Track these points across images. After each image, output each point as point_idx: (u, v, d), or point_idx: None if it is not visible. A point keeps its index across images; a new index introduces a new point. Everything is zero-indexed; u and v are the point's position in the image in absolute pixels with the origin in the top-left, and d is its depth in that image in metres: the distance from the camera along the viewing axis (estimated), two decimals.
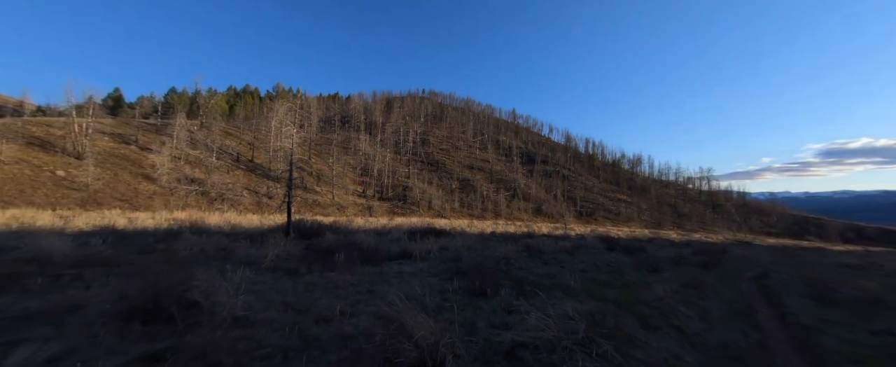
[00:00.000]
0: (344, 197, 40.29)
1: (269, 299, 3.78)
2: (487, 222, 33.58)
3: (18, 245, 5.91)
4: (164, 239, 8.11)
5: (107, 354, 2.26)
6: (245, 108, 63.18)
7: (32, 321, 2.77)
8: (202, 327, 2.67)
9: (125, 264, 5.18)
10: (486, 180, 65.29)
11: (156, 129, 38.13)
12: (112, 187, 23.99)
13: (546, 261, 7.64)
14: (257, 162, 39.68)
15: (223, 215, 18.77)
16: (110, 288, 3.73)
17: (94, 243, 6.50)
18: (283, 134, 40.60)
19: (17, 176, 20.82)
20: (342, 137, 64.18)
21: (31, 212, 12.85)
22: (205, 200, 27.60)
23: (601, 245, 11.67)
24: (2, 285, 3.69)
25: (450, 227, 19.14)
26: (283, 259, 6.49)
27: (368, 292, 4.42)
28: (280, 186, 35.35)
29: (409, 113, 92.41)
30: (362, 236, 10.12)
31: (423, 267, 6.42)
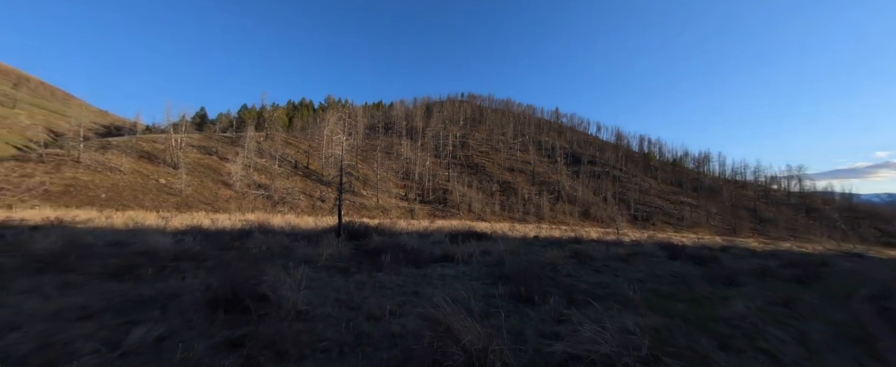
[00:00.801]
0: (387, 200, 42.10)
1: (324, 296, 4.07)
2: (530, 225, 32.44)
3: (134, 241, 7.20)
4: (238, 238, 9.24)
5: (199, 337, 2.63)
6: (302, 119, 69.67)
7: (145, 305, 3.34)
8: (271, 318, 2.98)
9: (210, 259, 6.01)
10: (527, 183, 63.26)
11: (231, 141, 43.86)
12: (199, 192, 28.09)
13: (597, 269, 7.11)
14: (312, 168, 43.39)
15: (284, 217, 20.86)
16: (199, 280, 4.35)
17: (187, 241, 7.64)
18: (334, 142, 43.78)
19: (131, 183, 25.47)
20: (385, 142, 67.29)
21: (142, 213, 15.61)
22: (269, 203, 30.93)
23: (662, 253, 10.52)
24: (123, 274, 4.52)
25: (491, 230, 18.87)
26: (335, 259, 6.97)
27: (413, 293, 4.53)
28: (331, 190, 38.21)
29: (448, 117, 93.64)
30: (406, 239, 10.44)
31: (466, 270, 6.40)
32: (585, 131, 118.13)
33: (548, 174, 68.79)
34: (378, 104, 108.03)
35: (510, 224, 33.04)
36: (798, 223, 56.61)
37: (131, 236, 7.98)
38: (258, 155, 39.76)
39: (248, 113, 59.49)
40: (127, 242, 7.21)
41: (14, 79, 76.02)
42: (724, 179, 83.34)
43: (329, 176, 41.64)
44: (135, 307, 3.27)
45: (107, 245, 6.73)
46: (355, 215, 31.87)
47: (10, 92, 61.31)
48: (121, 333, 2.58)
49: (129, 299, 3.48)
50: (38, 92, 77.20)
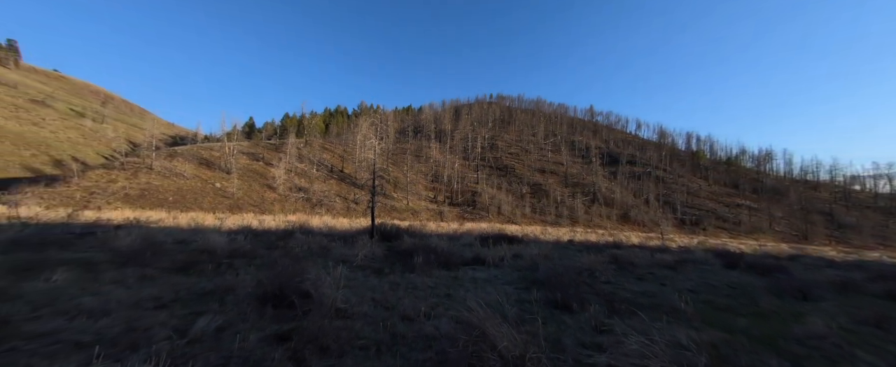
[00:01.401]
0: (417, 202, 42.81)
1: (361, 295, 4.23)
2: (563, 229, 31.13)
3: (196, 239, 8.03)
4: (282, 237, 9.93)
5: (252, 328, 2.86)
6: (337, 125, 73.44)
7: (207, 298, 3.70)
8: (314, 314, 3.15)
9: (259, 257, 6.52)
10: (559, 184, 60.95)
11: (275, 147, 47.43)
12: (248, 195, 30.67)
13: (640, 276, 6.62)
14: (346, 172, 45.48)
15: (321, 218, 22.08)
16: (250, 276, 4.73)
17: (239, 240, 8.36)
18: (366, 146, 45.56)
19: (193, 187, 28.46)
20: (415, 146, 68.65)
21: (201, 214, 17.37)
22: (308, 204, 32.90)
23: (716, 261, 9.55)
24: (188, 269, 5.05)
25: (522, 233, 18.42)
26: (369, 259, 7.21)
27: (446, 295, 4.55)
28: (364, 192, 39.72)
29: (476, 119, 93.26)
30: (436, 241, 10.52)
31: (498, 274, 6.30)
32: (623, 130, 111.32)
33: (582, 175, 65.74)
34: (408, 108, 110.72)
35: (542, 227, 32.00)
36: (889, 230, 48.45)
37: (193, 235, 8.91)
38: (298, 160, 42.54)
39: (290, 121, 64.04)
40: (190, 240, 8.06)
41: (102, 98, 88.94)
42: (791, 179, 73.88)
43: (362, 179, 43.37)
44: (198, 299, 3.64)
45: (174, 243, 7.58)
46: (386, 216, 32.81)
47: (99, 109, 71.83)
48: (188, 322, 2.88)
49: (194, 292, 3.88)
50: (120, 109, 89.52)
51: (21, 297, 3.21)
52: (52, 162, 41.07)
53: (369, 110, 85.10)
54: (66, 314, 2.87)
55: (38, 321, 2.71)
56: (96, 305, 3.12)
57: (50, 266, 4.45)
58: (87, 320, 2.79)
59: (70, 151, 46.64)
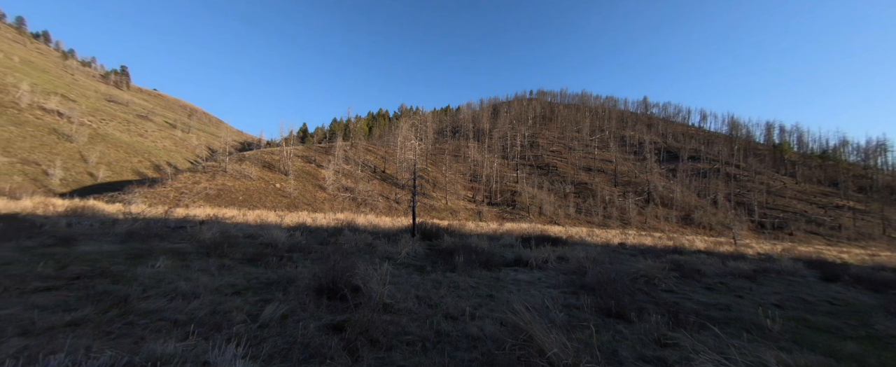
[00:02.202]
0: (456, 202, 43.06)
1: (406, 292, 4.37)
2: (612, 231, 28.90)
3: (261, 234, 9.00)
4: (332, 234, 10.69)
5: (310, 318, 3.12)
6: (379, 128, 77.00)
7: (272, 287, 4.13)
8: (364, 308, 3.33)
9: (313, 252, 7.09)
10: (607, 183, 56.79)
11: (325, 150, 51.25)
12: (302, 195, 33.57)
13: (710, 286, 5.88)
14: (388, 172, 47.44)
15: (366, 217, 23.33)
16: (307, 268, 5.17)
17: (296, 235, 9.19)
18: (407, 147, 46.94)
19: (258, 188, 31.96)
20: (453, 146, 69.14)
21: (265, 212, 19.42)
22: (354, 204, 34.99)
23: (809, 272, 8.10)
24: (257, 260, 5.68)
25: (566, 235, 17.51)
26: (411, 257, 7.43)
27: (488, 296, 4.50)
28: (404, 192, 41.06)
29: (515, 117, 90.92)
30: (476, 241, 10.48)
31: (541, 277, 6.07)
32: (684, 122, 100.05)
33: (634, 173, 60.48)
34: (446, 109, 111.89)
35: (588, 229, 30.09)
36: None
37: (259, 230, 10.00)
38: (345, 162, 45.45)
39: (337, 125, 68.78)
40: (257, 235, 9.06)
41: (188, 111, 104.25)
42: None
43: (403, 179, 44.87)
44: (266, 288, 4.07)
45: (245, 237, 8.58)
46: (426, 215, 33.53)
47: (186, 121, 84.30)
48: (258, 308, 3.24)
49: (262, 281, 4.36)
50: (201, 120, 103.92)
51: (135, 279, 3.89)
52: (152, 167, 49.23)
53: (409, 112, 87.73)
54: (166, 296, 3.41)
55: (147, 300, 3.26)
56: (188, 289, 3.66)
57: (154, 254, 5.32)
58: (182, 301, 3.28)
59: (165, 157, 55.44)
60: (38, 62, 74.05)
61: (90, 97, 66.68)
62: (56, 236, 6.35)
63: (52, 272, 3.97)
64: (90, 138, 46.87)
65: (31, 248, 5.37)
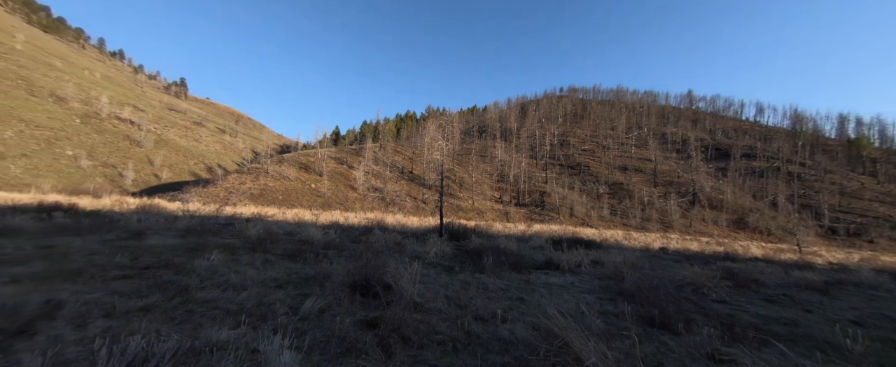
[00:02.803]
0: (482, 203, 42.71)
1: (435, 292, 4.41)
2: (652, 234, 27.02)
3: (299, 232, 9.55)
4: (363, 233, 11.08)
5: (345, 313, 3.25)
6: (407, 129, 78.55)
7: (310, 282, 4.36)
8: (395, 305, 3.41)
9: (346, 249, 7.40)
10: (646, 183, 53.26)
11: (356, 152, 53.31)
12: (335, 194, 35.16)
13: (770, 298, 5.28)
14: (415, 173, 48.23)
15: (394, 217, 23.89)
16: (341, 265, 5.40)
17: (330, 233, 9.65)
18: (434, 148, 47.39)
19: (295, 188, 33.98)
20: (480, 146, 68.66)
21: (302, 211, 20.59)
22: (383, 203, 36.00)
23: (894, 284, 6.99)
24: (295, 256, 6.04)
25: (599, 238, 16.67)
26: (439, 257, 7.48)
27: (518, 299, 4.41)
28: (431, 192, 41.50)
29: (545, 115, 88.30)
30: (504, 242, 10.31)
31: (574, 281, 5.83)
32: (736, 116, 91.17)
33: (677, 173, 56.17)
34: (472, 109, 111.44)
35: (624, 232, 28.39)
36: None
37: (297, 228, 10.63)
38: (374, 163, 46.93)
39: (367, 127, 71.25)
40: (295, 232, 9.64)
41: (235, 117, 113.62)
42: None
43: (430, 180, 45.38)
44: (304, 283, 4.31)
45: (285, 234, 9.17)
46: (452, 216, 33.61)
47: (233, 127, 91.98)
48: (298, 302, 3.44)
49: (300, 276, 4.62)
50: (246, 125, 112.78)
51: (193, 271, 4.31)
52: (205, 169, 54.26)
53: (436, 113, 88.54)
54: (219, 287, 3.73)
55: (204, 290, 3.59)
56: (237, 281, 3.98)
57: (209, 248, 5.86)
58: (232, 292, 3.57)
59: (216, 160, 60.87)
60: (114, 77, 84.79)
61: (155, 107, 75.06)
62: (130, 231, 7.22)
63: (127, 263, 4.51)
64: (155, 144, 52.76)
65: (110, 240, 6.15)
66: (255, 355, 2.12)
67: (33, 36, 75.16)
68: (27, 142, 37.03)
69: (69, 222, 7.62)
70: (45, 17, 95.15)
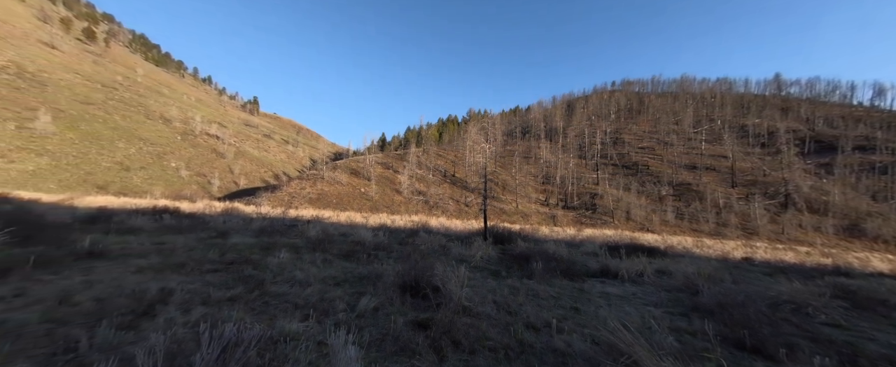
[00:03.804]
0: (527, 205, 41.29)
1: (482, 296, 4.36)
2: (731, 242, 23.39)
3: (351, 233, 10.23)
4: (410, 235, 11.45)
5: (397, 312, 3.37)
6: (449, 133, 79.62)
7: (364, 281, 4.63)
8: (444, 308, 3.45)
9: (394, 250, 7.71)
10: (721, 183, 46.65)
11: (400, 157, 55.51)
12: (382, 198, 36.99)
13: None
14: (458, 176, 48.54)
15: (438, 219, 24.29)
16: (391, 266, 5.64)
17: (379, 235, 10.15)
18: (476, 150, 47.26)
19: (347, 192, 36.52)
20: (523, 147, 66.63)
21: (353, 214, 22.03)
22: (426, 206, 36.85)
23: None
24: (350, 256, 6.47)
25: (663, 244, 14.97)
26: (485, 260, 7.39)
27: (572, 308, 4.15)
28: (474, 195, 41.34)
29: (594, 112, 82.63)
30: (553, 246, 9.81)
31: (636, 292, 5.30)
32: (845, 102, 75.41)
33: (762, 171, 48.26)
34: (515, 109, 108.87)
35: (694, 238, 25.08)
36: None
37: (350, 230, 11.39)
38: (418, 167, 48.35)
39: (411, 133, 73.89)
40: (348, 233, 10.34)
41: (296, 129, 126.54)
42: None
43: (472, 183, 45.29)
44: (359, 281, 4.59)
45: (339, 235, 9.88)
46: (496, 219, 33.01)
47: (295, 137, 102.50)
48: (354, 299, 3.67)
49: (355, 275, 4.93)
50: (305, 135, 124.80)
51: (267, 267, 4.86)
52: (273, 176, 61.21)
53: (477, 116, 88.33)
54: (288, 282, 4.15)
55: (276, 284, 4.03)
56: (303, 278, 4.38)
57: (278, 247, 6.57)
58: (299, 288, 3.95)
59: (281, 167, 68.34)
60: (204, 99, 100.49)
61: (234, 123, 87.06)
62: (217, 230, 8.43)
63: (217, 257, 5.26)
64: (234, 155, 61.11)
65: (203, 238, 7.25)
66: (321, 347, 2.31)
67: (149, 70, 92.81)
68: (144, 157, 45.66)
69: (174, 223, 9.17)
70: (156, 54, 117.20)
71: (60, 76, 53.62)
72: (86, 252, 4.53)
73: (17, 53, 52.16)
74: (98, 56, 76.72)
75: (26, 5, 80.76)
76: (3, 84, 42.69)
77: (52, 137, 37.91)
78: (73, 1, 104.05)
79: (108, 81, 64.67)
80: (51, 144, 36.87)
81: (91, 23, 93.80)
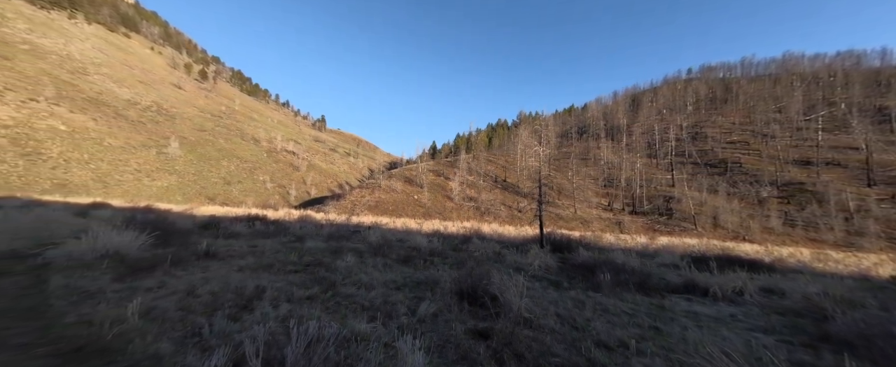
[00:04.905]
0: (586, 210, 38.22)
1: (544, 308, 4.12)
2: (871, 255, 18.22)
3: (407, 239, 10.66)
4: (462, 242, 11.49)
5: (456, 319, 3.39)
6: (498, 138, 78.53)
7: (422, 286, 4.77)
8: (504, 318, 3.35)
9: (448, 257, 7.80)
10: (850, 181, 37.18)
11: (451, 164, 56.47)
12: (434, 205, 37.94)
13: None
14: (509, 181, 47.39)
15: (490, 226, 23.93)
16: (446, 272, 5.72)
17: (434, 241, 10.40)
18: (528, 154, 45.61)
19: (401, 200, 38.36)
20: (579, 148, 62.19)
21: (408, 220, 23.02)
22: (477, 212, 36.65)
23: None
24: (407, 261, 6.74)
25: (768, 256, 12.38)
26: (543, 269, 7.01)
27: (651, 328, 3.67)
28: (527, 201, 39.80)
29: (665, 105, 73.46)
30: (621, 256, 8.88)
31: (735, 313, 4.47)
32: None
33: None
34: (569, 109, 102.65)
35: (813, 250, 20.23)
36: None
37: (405, 236, 11.91)
38: (468, 173, 48.55)
39: (461, 140, 74.80)
40: (404, 239, 10.81)
41: (356, 142, 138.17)
42: None
43: (525, 188, 43.72)
44: (417, 286, 4.74)
45: (396, 240, 10.40)
46: (552, 225, 31.19)
47: (355, 150, 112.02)
48: (415, 304, 3.79)
49: (413, 280, 5.11)
50: (364, 147, 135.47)
51: (337, 269, 5.34)
52: (338, 185, 67.52)
53: (528, 119, 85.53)
54: (355, 285, 4.49)
55: (345, 286, 4.39)
56: (367, 281, 4.70)
57: (344, 251, 7.18)
58: (364, 290, 4.24)
59: (345, 177, 75.10)
60: (284, 121, 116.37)
61: (307, 140, 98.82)
62: (295, 235, 9.58)
63: (296, 260, 5.96)
64: (307, 168, 69.18)
65: (285, 242, 8.30)
66: (388, 349, 2.43)
67: (243, 99, 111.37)
68: (241, 172, 54.54)
69: (263, 228, 10.70)
70: (249, 86, 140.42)
71: (184, 110, 67.59)
72: (203, 253, 5.55)
73: (157, 95, 67.42)
74: (209, 91, 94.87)
75: (163, 57, 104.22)
76: (148, 119, 55.42)
77: (178, 159, 47.78)
78: (192, 48, 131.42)
79: (216, 111, 79.37)
80: (178, 165, 46.46)
81: (204, 65, 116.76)
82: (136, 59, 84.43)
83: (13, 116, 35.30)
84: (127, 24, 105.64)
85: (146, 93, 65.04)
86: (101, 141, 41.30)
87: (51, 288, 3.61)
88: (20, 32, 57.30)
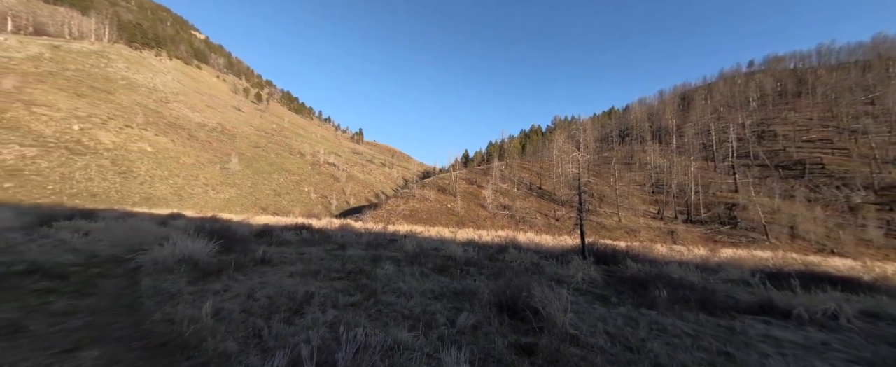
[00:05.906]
0: (633, 219, 35.43)
1: (591, 324, 3.86)
2: None
3: (443, 248, 10.69)
4: (498, 251, 11.24)
5: (497, 332, 3.30)
6: (532, 144, 76.57)
7: (459, 296, 4.74)
8: (548, 333, 3.20)
9: (485, 267, 7.68)
10: None
11: (484, 172, 56.09)
12: (467, 213, 37.77)
13: None
14: (544, 189, 45.75)
15: (526, 235, 23.15)
16: (483, 282, 5.62)
17: (469, 250, 10.30)
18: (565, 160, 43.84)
19: (435, 208, 38.77)
20: (622, 152, 58.28)
21: (441, 229, 23.13)
22: (512, 221, 35.74)
23: None
24: (443, 271, 6.75)
25: (868, 274, 10.40)
26: (587, 282, 6.59)
27: (721, 353, 3.25)
28: (564, 208, 38.00)
29: (722, 102, 66.60)
30: (677, 270, 8.04)
31: (829, 341, 3.81)
32: None
33: None
34: (609, 111, 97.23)
35: None
36: None
37: (440, 244, 11.97)
38: (502, 181, 47.79)
39: (493, 147, 74.16)
40: (439, 248, 10.86)
41: (391, 153, 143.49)
42: None
43: (562, 195, 41.87)
44: (455, 296, 4.72)
45: (432, 249, 10.48)
46: (594, 235, 29.32)
47: (390, 160, 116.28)
48: (454, 314, 3.77)
49: (451, 290, 5.10)
50: (398, 157, 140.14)
51: (376, 278, 5.51)
52: (375, 195, 70.31)
53: (563, 123, 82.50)
54: (395, 293, 4.60)
55: (385, 294, 4.51)
56: (406, 289, 4.79)
57: (383, 260, 7.40)
58: (404, 299, 4.32)
59: (381, 187, 78.06)
60: (326, 135, 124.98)
61: (346, 152, 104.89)
62: (337, 244, 10.10)
63: (339, 267, 6.27)
64: (346, 179, 73.17)
65: (329, 250, 8.78)
66: (430, 359, 2.44)
67: (291, 118, 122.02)
68: (288, 184, 59.30)
69: (309, 236, 11.45)
70: (296, 105, 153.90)
71: (242, 129, 75.69)
72: (260, 259, 6.08)
73: (221, 117, 76.47)
74: (262, 112, 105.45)
75: (226, 83, 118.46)
76: (214, 139, 62.87)
77: (237, 173, 53.34)
78: (249, 74, 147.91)
79: (268, 129, 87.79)
80: (237, 179, 51.85)
81: (259, 89, 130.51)
82: (206, 87, 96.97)
83: (113, 141, 42.27)
84: (199, 56, 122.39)
85: (212, 116, 74.14)
86: (178, 159, 47.66)
87: (142, 289, 4.20)
88: (120, 70, 69.01)
